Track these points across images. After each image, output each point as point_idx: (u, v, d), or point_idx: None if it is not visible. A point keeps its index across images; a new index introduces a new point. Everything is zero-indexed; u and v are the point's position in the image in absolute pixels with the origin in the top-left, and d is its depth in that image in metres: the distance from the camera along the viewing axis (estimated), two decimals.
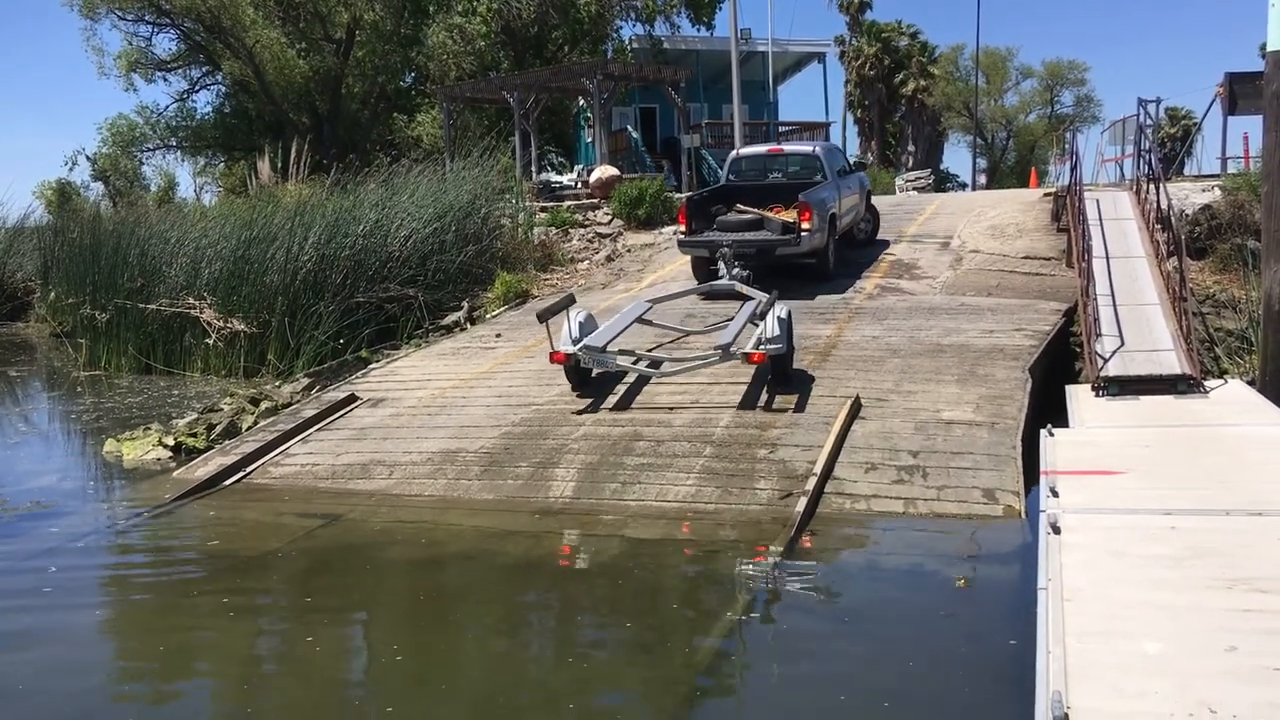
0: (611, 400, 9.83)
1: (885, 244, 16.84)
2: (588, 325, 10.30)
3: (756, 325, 9.73)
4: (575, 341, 9.84)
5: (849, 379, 9.81)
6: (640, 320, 11.40)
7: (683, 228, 14.34)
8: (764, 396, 9.39)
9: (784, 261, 13.87)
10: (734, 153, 16.89)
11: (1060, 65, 60.80)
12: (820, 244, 13.88)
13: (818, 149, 16.18)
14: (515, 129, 27.37)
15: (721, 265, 13.37)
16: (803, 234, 13.47)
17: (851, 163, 16.69)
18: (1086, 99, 62.02)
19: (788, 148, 17.00)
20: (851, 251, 15.96)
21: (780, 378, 9.55)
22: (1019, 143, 62.88)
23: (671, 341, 11.63)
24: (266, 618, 6.25)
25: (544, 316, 10.04)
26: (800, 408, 9.11)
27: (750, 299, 11.42)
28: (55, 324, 19.05)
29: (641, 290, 15.49)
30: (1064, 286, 13.16)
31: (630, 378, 10.27)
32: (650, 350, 10.99)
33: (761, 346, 9.28)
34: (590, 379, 10.15)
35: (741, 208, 14.67)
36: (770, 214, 14.29)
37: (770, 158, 16.35)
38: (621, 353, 10.12)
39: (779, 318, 9.45)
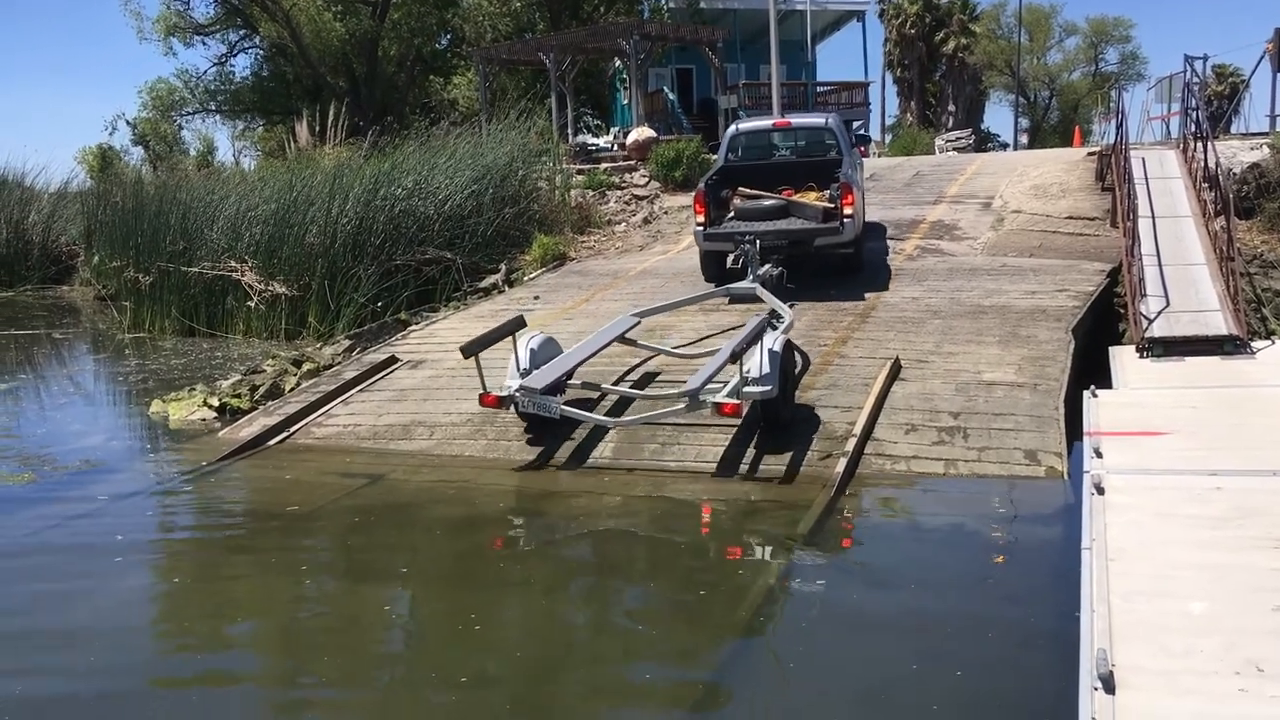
0: (563, 454, 8.15)
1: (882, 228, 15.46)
2: (543, 353, 8.53)
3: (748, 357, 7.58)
4: (525, 374, 8.15)
5: (889, 340, 9.75)
6: (621, 340, 9.55)
7: (700, 218, 12.10)
8: (750, 453, 7.75)
9: (820, 254, 12.04)
10: (732, 128, 14.15)
11: (1105, 22, 59.66)
12: (860, 231, 12.13)
13: (830, 120, 13.91)
14: (551, 91, 27.26)
15: (741, 262, 11.37)
16: (845, 220, 11.54)
17: (853, 136, 14.75)
18: (1132, 56, 60.91)
19: (795, 120, 14.57)
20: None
21: (773, 425, 7.88)
22: (1062, 101, 61.85)
23: (646, 359, 9.85)
24: (312, 574, 6.34)
25: (470, 351, 7.87)
26: (789, 478, 7.33)
27: (765, 310, 9.78)
28: (100, 287, 19.32)
29: (679, 252, 15.46)
30: (1108, 247, 12.98)
31: (610, 400, 8.80)
32: (630, 376, 9.47)
33: (744, 391, 7.42)
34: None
35: (745, 191, 12.78)
36: (804, 199, 12.36)
37: (776, 133, 14.25)
38: (585, 384, 8.65)
39: (770, 350, 7.62)
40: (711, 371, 7.62)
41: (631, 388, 9.08)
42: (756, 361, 7.53)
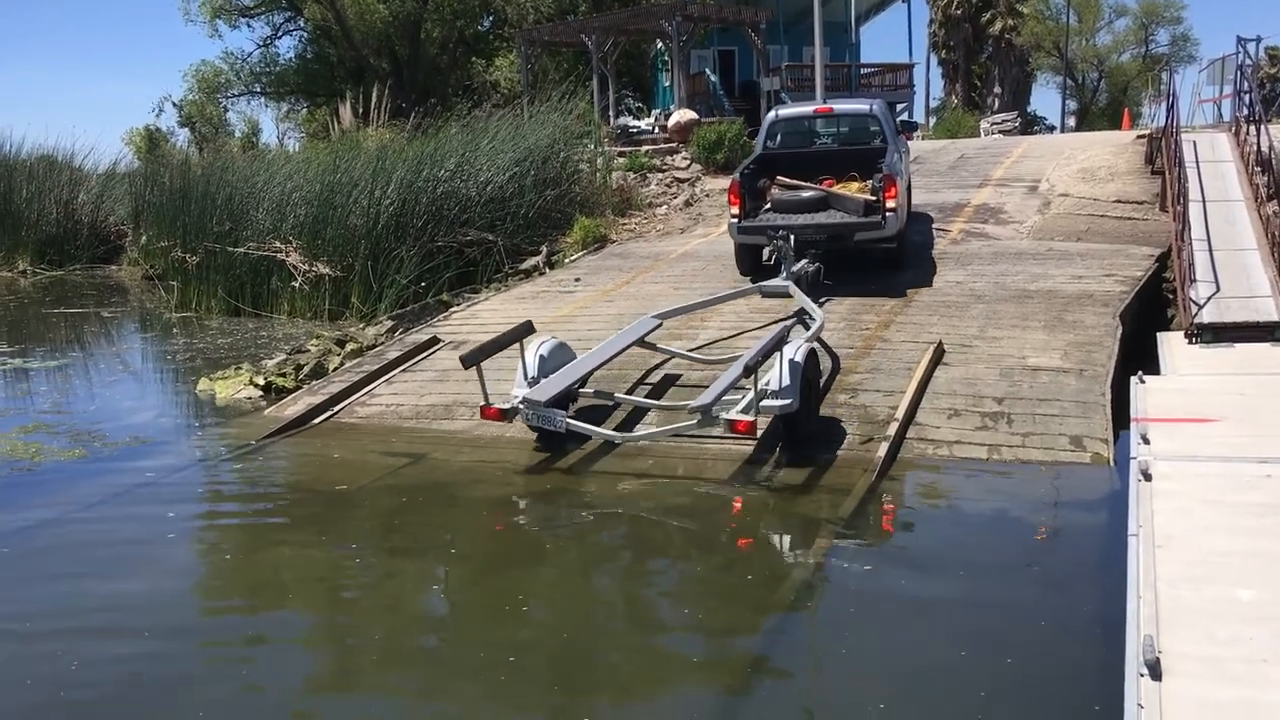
0: (571, 459, 7.81)
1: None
2: (553, 360, 8.07)
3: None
4: (533, 383, 7.77)
5: (931, 324, 9.68)
6: (641, 343, 9.12)
7: (735, 209, 11.60)
8: (768, 467, 7.40)
9: (860, 249, 11.57)
10: (771, 114, 13.78)
11: (1155, 3, 58.54)
12: (903, 225, 11.69)
13: (875, 107, 13.33)
14: (593, 73, 27.22)
15: (775, 257, 10.91)
16: (888, 214, 11.05)
17: (898, 122, 14.32)
18: (1183, 38, 59.80)
19: (838, 107, 14.21)
20: None
21: (794, 440, 7.47)
22: (1111, 84, 60.90)
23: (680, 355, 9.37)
24: (354, 551, 6.40)
25: (471, 361, 7.51)
26: (830, 461, 7.21)
27: (793, 314, 9.51)
28: (147, 267, 19.57)
29: (720, 235, 15.40)
30: (1157, 231, 12.80)
31: (627, 407, 8.40)
32: (649, 379, 9.10)
33: (762, 405, 6.99)
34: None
35: (783, 181, 12.23)
36: (845, 190, 11.89)
37: (817, 119, 13.71)
38: (598, 394, 8.26)
39: (791, 360, 7.15)
40: (725, 386, 7.11)
41: (648, 395, 8.70)
42: (776, 373, 7.11)
